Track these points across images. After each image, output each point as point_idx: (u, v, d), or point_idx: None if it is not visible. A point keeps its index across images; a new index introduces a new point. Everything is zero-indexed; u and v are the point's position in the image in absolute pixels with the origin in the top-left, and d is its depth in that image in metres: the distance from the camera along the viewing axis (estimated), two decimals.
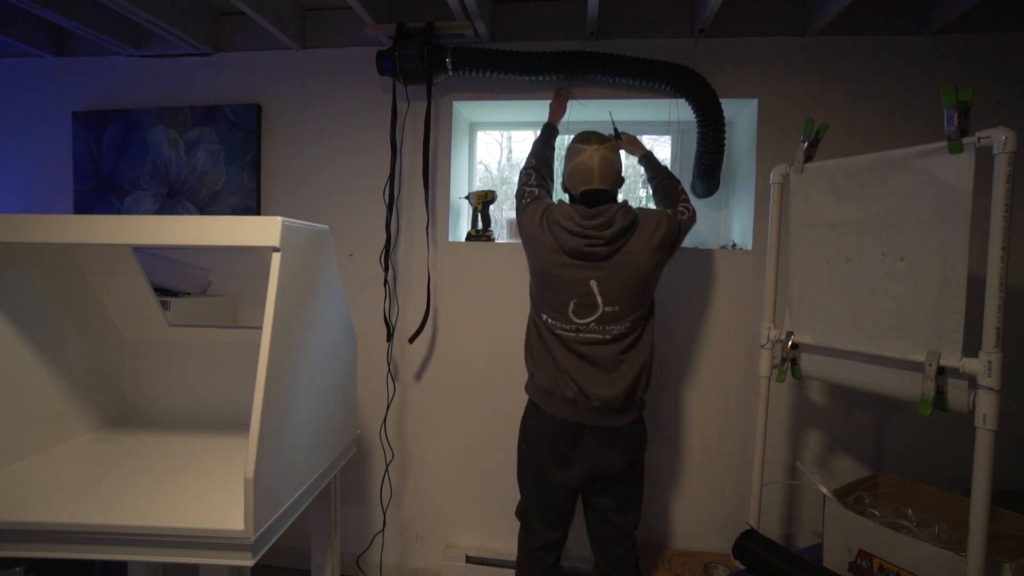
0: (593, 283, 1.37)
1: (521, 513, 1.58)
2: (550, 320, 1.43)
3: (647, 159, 1.74)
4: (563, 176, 1.50)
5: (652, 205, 2.32)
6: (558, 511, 1.50)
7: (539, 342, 1.47)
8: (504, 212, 2.39)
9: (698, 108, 1.82)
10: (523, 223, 1.51)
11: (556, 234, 1.41)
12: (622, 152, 1.73)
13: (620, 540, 1.50)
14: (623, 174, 1.46)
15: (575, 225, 1.37)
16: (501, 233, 2.25)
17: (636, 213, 1.41)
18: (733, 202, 2.12)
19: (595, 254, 1.37)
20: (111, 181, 2.22)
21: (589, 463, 1.43)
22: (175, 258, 2.15)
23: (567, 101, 1.85)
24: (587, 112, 2.17)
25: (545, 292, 1.44)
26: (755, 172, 1.90)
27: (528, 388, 1.53)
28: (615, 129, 1.81)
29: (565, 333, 1.41)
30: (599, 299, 1.37)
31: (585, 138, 1.43)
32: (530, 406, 1.52)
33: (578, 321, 1.39)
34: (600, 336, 1.39)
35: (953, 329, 1.15)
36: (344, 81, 2.10)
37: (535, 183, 1.58)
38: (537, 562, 1.54)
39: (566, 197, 1.54)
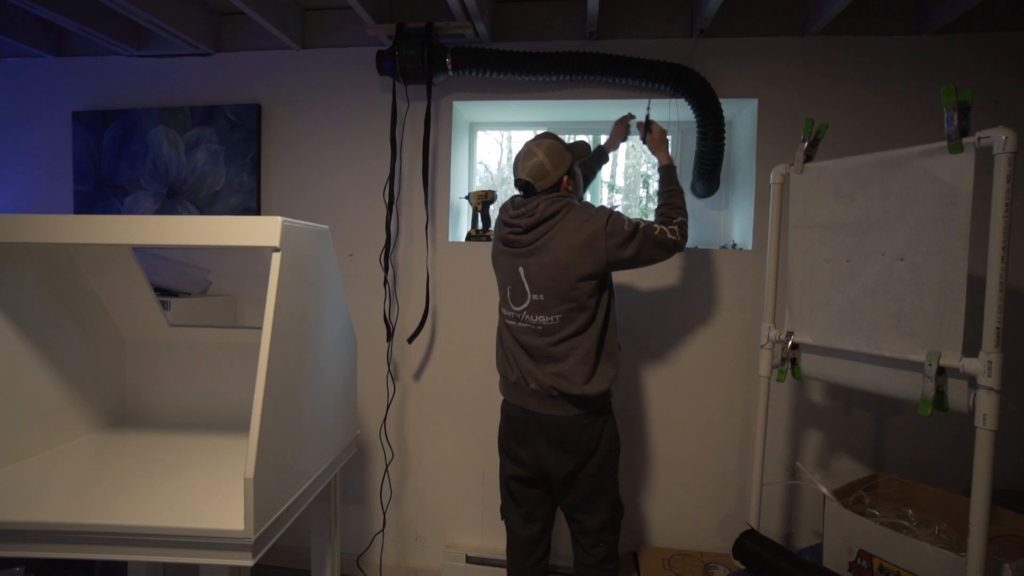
0: (521, 270, 1.43)
1: (502, 512, 1.60)
2: (503, 309, 1.52)
3: (664, 170, 1.57)
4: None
5: (651, 206, 2.33)
6: (525, 505, 1.53)
7: (499, 329, 1.56)
8: None
9: (698, 108, 1.82)
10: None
11: (498, 224, 1.53)
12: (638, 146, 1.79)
13: (585, 536, 1.49)
14: (560, 175, 1.44)
15: (507, 215, 1.48)
16: None
17: (564, 205, 1.39)
18: (733, 202, 2.12)
19: (517, 242, 1.43)
20: (111, 181, 2.22)
21: (535, 459, 1.46)
22: (175, 258, 2.15)
23: (627, 134, 1.77)
24: (586, 112, 2.17)
25: (497, 280, 1.54)
26: (755, 172, 1.90)
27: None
28: (647, 118, 1.67)
29: (511, 321, 1.48)
30: (526, 286, 1.43)
31: (535, 136, 1.49)
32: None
33: (515, 308, 1.46)
34: (531, 326, 1.43)
35: (953, 329, 1.15)
36: (344, 81, 2.10)
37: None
38: (520, 560, 1.56)
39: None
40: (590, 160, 1.72)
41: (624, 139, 1.79)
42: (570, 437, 1.41)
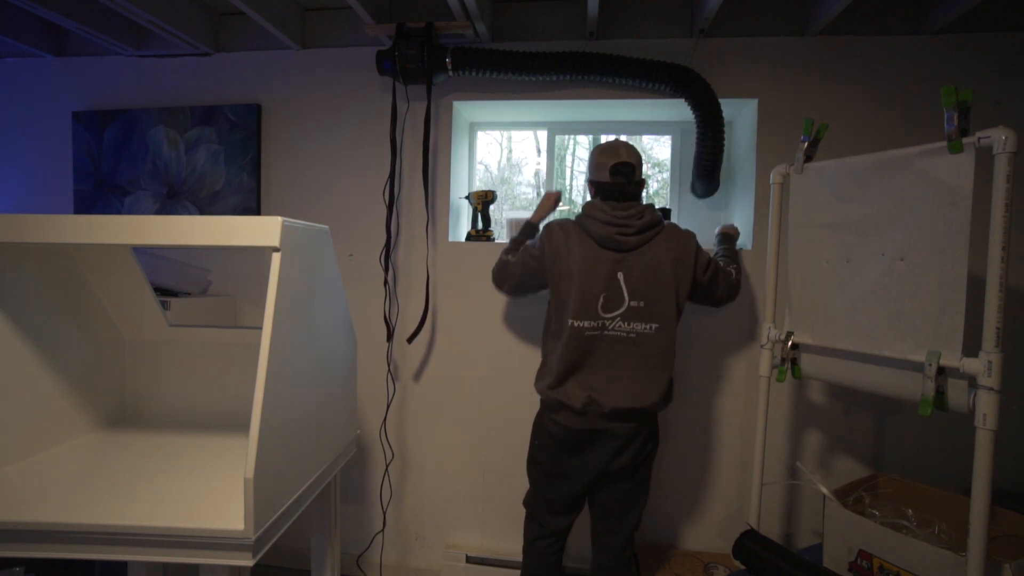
0: (620, 275, 1.42)
1: (529, 503, 1.61)
2: (581, 320, 1.42)
3: (726, 235, 1.79)
4: (590, 173, 1.54)
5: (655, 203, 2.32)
6: (566, 504, 1.54)
7: (565, 344, 1.45)
8: (504, 212, 2.39)
9: (697, 108, 1.82)
10: (533, 255, 1.52)
11: (586, 226, 1.45)
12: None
13: (620, 535, 1.52)
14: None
15: (606, 215, 1.43)
16: (501, 233, 2.25)
17: (662, 217, 1.48)
18: (733, 202, 2.12)
19: (625, 243, 1.42)
20: (111, 181, 2.22)
21: (601, 462, 1.47)
22: (175, 258, 2.15)
23: (557, 204, 1.78)
24: (586, 112, 2.17)
25: (574, 292, 1.42)
26: (755, 172, 1.90)
27: (540, 393, 1.52)
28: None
29: (593, 332, 1.43)
30: (625, 291, 1.42)
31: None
32: (543, 410, 1.54)
33: (605, 315, 1.42)
34: (623, 334, 1.42)
35: (953, 329, 1.15)
36: (344, 81, 2.10)
37: (511, 250, 1.63)
38: (542, 551, 1.57)
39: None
40: (524, 235, 1.68)
41: (553, 211, 1.78)
42: (637, 440, 1.47)
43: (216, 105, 2.15)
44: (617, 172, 1.45)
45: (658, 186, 2.44)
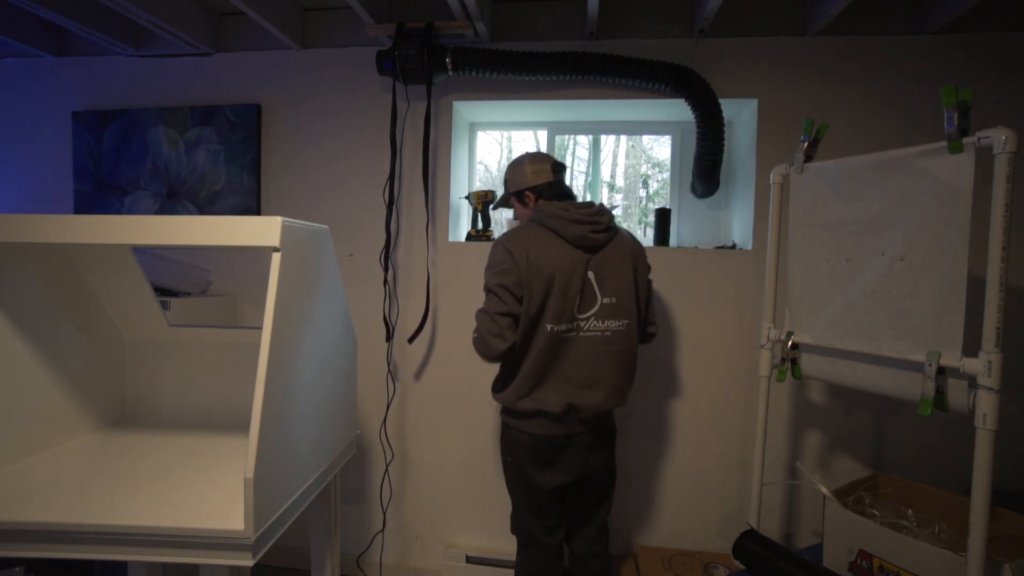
0: (591, 274, 1.42)
1: (519, 528, 1.55)
2: (559, 324, 1.37)
3: None
4: (524, 182, 1.51)
5: (651, 206, 2.33)
6: (557, 514, 1.53)
7: (537, 353, 1.39)
8: (504, 212, 2.39)
9: (697, 108, 1.82)
10: (504, 271, 1.39)
11: (555, 227, 1.40)
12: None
13: (595, 523, 1.56)
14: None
15: (573, 215, 1.40)
16: (501, 233, 2.25)
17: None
18: (733, 202, 2.12)
19: (596, 241, 1.41)
20: (111, 181, 2.22)
21: (578, 467, 1.47)
22: (175, 258, 2.15)
23: None
24: (585, 112, 2.17)
25: (554, 296, 1.37)
26: (755, 172, 1.90)
27: (507, 402, 1.46)
28: None
29: (569, 334, 1.39)
30: (597, 289, 1.41)
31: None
32: (510, 420, 1.49)
33: (580, 316, 1.40)
34: (598, 333, 1.41)
35: (953, 329, 1.15)
36: (344, 81, 2.10)
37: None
38: (554, 561, 1.54)
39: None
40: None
41: None
42: (607, 438, 1.52)
43: (216, 105, 2.15)
44: (558, 170, 1.51)
45: (658, 186, 2.44)
